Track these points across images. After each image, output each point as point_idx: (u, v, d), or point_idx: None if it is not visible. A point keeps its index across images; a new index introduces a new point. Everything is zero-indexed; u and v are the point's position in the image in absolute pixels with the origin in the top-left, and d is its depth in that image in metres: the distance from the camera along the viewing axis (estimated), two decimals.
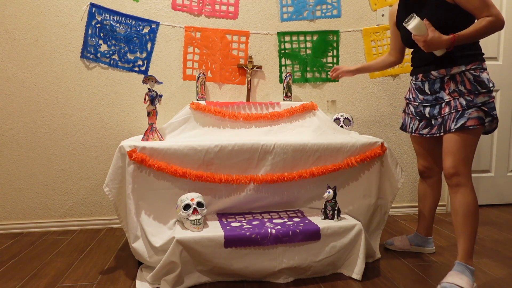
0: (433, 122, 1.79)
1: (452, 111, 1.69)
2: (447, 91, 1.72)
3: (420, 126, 1.87)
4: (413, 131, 1.91)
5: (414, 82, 1.90)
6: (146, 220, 1.87)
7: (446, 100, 1.72)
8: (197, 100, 2.48)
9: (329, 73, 2.13)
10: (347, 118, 2.46)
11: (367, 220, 2.06)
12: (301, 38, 2.72)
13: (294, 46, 2.72)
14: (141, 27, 2.54)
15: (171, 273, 1.68)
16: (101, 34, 2.51)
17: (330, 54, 2.76)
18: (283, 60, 2.72)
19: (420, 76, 1.83)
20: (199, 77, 2.49)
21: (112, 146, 2.58)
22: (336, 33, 2.74)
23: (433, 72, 1.76)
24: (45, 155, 2.54)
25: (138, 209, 1.86)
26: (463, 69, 1.68)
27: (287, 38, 2.70)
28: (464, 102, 1.66)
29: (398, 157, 2.87)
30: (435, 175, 2.01)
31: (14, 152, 2.51)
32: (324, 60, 2.75)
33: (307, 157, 2.01)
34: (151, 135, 2.01)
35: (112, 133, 2.58)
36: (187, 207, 1.79)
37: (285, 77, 2.56)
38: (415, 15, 1.59)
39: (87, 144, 2.57)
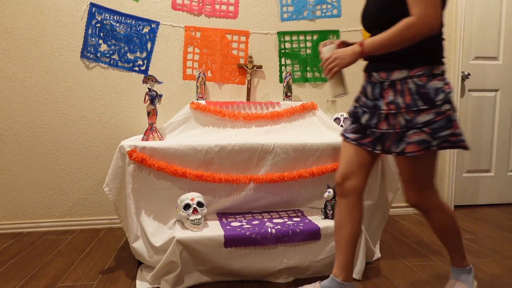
0: (367, 132, 1.45)
1: (390, 130, 1.37)
2: (385, 101, 1.38)
3: (349, 128, 1.52)
4: (342, 131, 1.56)
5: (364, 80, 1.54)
6: (146, 220, 1.87)
7: (383, 113, 1.38)
8: (197, 99, 2.48)
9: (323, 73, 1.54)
10: (347, 118, 2.46)
11: (367, 220, 2.06)
12: (301, 37, 2.71)
13: (294, 45, 2.72)
14: (141, 27, 2.54)
15: (171, 273, 1.68)
16: (101, 34, 2.51)
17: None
18: (283, 59, 2.72)
19: (365, 75, 1.50)
20: (199, 76, 2.49)
21: (112, 146, 2.58)
22: (336, 32, 2.74)
23: (374, 74, 1.43)
24: (45, 155, 2.54)
25: (138, 209, 1.86)
26: (405, 75, 1.33)
27: (287, 38, 2.70)
28: (402, 122, 1.33)
29: None
30: (355, 192, 1.49)
31: (14, 152, 2.51)
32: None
33: (307, 157, 2.01)
34: (151, 135, 2.01)
35: (112, 133, 2.58)
36: (187, 207, 1.79)
37: (285, 77, 2.56)
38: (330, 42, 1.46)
39: (87, 144, 2.57)
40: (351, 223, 1.49)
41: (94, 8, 2.48)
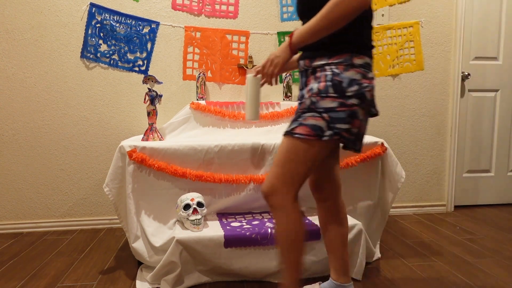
0: None
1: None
2: (307, 89, 1.29)
3: None
4: None
5: None
6: (146, 220, 1.87)
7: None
8: (197, 100, 2.48)
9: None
10: None
11: (367, 220, 2.06)
12: None
13: None
14: (141, 27, 2.54)
15: (171, 273, 1.68)
16: (101, 34, 2.51)
17: None
18: None
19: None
20: (199, 77, 2.49)
21: (112, 146, 2.58)
22: None
23: (300, 62, 1.37)
24: (45, 155, 2.54)
25: (138, 209, 1.86)
26: (325, 62, 1.25)
27: (287, 38, 2.70)
28: (308, 103, 1.24)
29: (398, 157, 2.87)
30: (329, 196, 1.46)
31: (14, 152, 2.51)
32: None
33: None
34: (151, 135, 2.01)
35: (112, 133, 2.58)
36: (187, 207, 1.79)
37: (285, 77, 2.56)
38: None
39: (87, 144, 2.57)
40: (336, 225, 1.45)
41: (94, 8, 2.48)
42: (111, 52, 2.53)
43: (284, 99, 2.57)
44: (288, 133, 1.25)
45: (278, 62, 1.29)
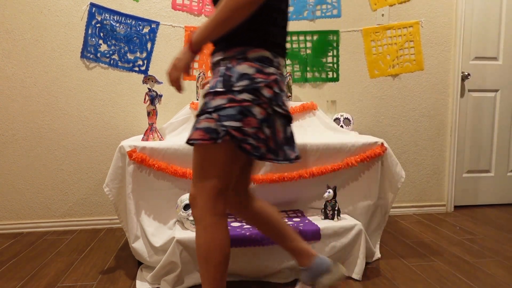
0: None
1: None
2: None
3: None
4: None
5: None
6: (146, 220, 1.87)
7: None
8: (197, 100, 2.48)
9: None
10: (347, 118, 2.46)
11: (367, 220, 2.06)
12: (301, 38, 2.71)
13: (294, 46, 2.71)
14: (141, 27, 2.54)
15: (171, 273, 1.68)
16: (101, 34, 2.51)
17: (330, 54, 2.76)
18: None
19: None
20: (199, 77, 2.49)
21: (112, 146, 2.58)
22: (336, 33, 2.74)
23: (210, 60, 1.30)
24: (45, 155, 2.54)
25: (138, 209, 1.86)
26: (220, 57, 1.20)
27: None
28: (201, 104, 1.19)
29: (398, 157, 2.87)
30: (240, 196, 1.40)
31: (14, 152, 2.51)
32: (324, 60, 2.75)
33: (307, 157, 2.01)
34: (151, 135, 2.01)
35: (112, 133, 2.58)
36: (187, 207, 1.79)
37: (285, 77, 2.56)
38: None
39: (87, 144, 2.57)
40: (267, 215, 1.39)
41: (94, 8, 2.48)
42: (111, 52, 2.53)
43: None
44: (187, 142, 1.16)
45: (179, 65, 1.18)
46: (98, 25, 2.50)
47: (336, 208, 1.90)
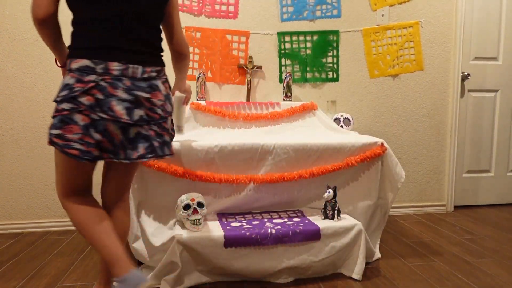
0: None
1: None
2: None
3: None
4: None
5: None
6: (146, 220, 1.87)
7: None
8: (197, 100, 2.48)
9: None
10: (347, 118, 2.46)
11: (367, 220, 2.06)
12: (301, 38, 2.71)
13: (294, 46, 2.72)
14: None
15: (171, 273, 1.68)
16: None
17: (330, 54, 2.76)
18: (283, 60, 2.72)
19: None
20: (199, 77, 2.49)
21: None
22: (336, 33, 2.74)
23: None
24: (45, 155, 2.54)
25: (138, 209, 1.86)
26: None
27: (287, 38, 2.70)
28: None
29: (398, 157, 2.87)
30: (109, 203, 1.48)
31: (14, 152, 2.51)
32: (324, 60, 2.75)
33: (307, 157, 2.01)
34: None
35: None
36: (187, 207, 1.79)
37: (285, 77, 2.56)
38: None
39: None
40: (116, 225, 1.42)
41: None
42: None
43: (284, 99, 2.57)
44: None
45: None
46: None
47: (336, 208, 1.90)
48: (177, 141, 2.01)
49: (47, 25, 1.26)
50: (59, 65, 1.38)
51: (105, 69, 1.22)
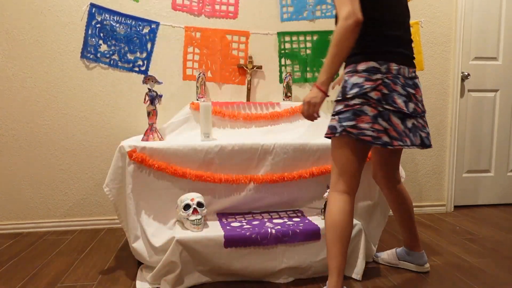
0: None
1: None
2: None
3: None
4: None
5: None
6: (146, 220, 1.87)
7: None
8: (197, 100, 2.48)
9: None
10: None
11: (367, 220, 2.06)
12: (301, 38, 2.72)
13: (294, 46, 2.72)
14: (141, 27, 2.54)
15: (171, 273, 1.68)
16: (101, 34, 2.51)
17: None
18: (283, 60, 2.72)
19: None
20: (199, 77, 2.49)
21: (112, 146, 2.58)
22: None
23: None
24: (45, 155, 2.54)
25: (138, 209, 1.86)
26: (345, 73, 1.53)
27: (287, 38, 2.70)
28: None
29: None
30: (380, 182, 1.83)
31: (14, 152, 2.51)
32: (324, 60, 2.75)
33: (307, 157, 2.01)
34: (151, 135, 2.01)
35: (112, 133, 2.58)
36: (187, 207, 1.79)
37: (285, 77, 2.56)
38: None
39: (87, 144, 2.57)
40: (396, 202, 1.82)
41: (94, 9, 2.49)
42: (111, 52, 2.53)
43: (284, 99, 2.57)
44: (325, 136, 1.53)
45: (314, 103, 1.46)
46: (98, 25, 2.50)
47: None
48: (177, 141, 2.02)
49: (356, 32, 1.36)
50: (323, 89, 1.44)
51: (387, 69, 1.45)
